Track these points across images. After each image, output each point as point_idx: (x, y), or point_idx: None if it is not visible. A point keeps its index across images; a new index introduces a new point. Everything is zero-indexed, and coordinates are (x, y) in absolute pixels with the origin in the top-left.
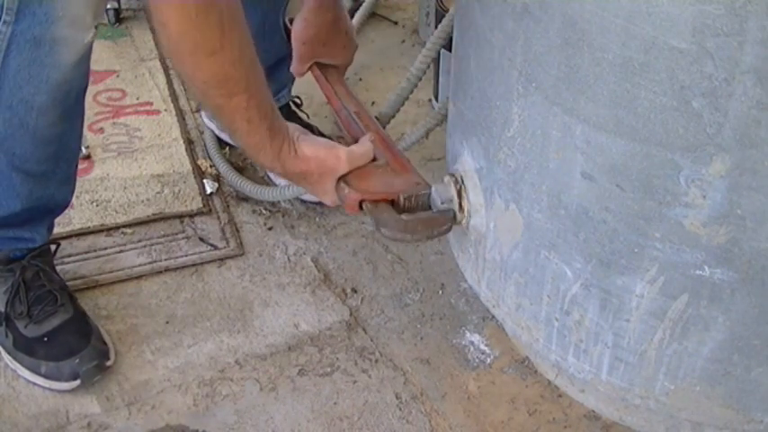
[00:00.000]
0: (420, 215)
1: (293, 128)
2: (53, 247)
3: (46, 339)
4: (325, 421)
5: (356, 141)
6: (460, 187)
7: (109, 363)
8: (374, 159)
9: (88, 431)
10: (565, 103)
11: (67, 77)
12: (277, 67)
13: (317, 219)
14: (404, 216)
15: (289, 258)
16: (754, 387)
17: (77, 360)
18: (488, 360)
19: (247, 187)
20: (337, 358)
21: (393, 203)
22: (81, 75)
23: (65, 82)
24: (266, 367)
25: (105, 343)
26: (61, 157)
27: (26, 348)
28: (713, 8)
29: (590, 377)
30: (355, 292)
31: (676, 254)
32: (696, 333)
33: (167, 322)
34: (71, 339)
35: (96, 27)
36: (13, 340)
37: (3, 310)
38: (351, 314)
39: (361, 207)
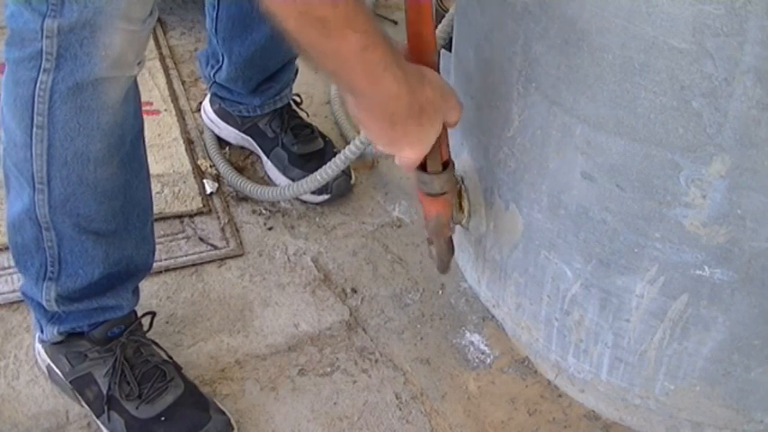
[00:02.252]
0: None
1: None
2: (148, 318)
3: (163, 419)
4: (326, 421)
5: None
6: (460, 187)
7: None
8: None
9: (88, 431)
10: (565, 103)
11: (118, 119)
12: (284, 69)
13: (317, 219)
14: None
15: (289, 258)
16: (754, 387)
17: None
18: (488, 360)
19: (247, 187)
20: (337, 358)
21: None
22: (132, 115)
23: (116, 125)
24: (266, 367)
25: (224, 413)
26: (131, 212)
27: (143, 431)
28: (713, 8)
29: (590, 377)
30: (355, 292)
31: (676, 254)
32: (696, 333)
33: (167, 322)
34: (191, 414)
35: (140, 63)
36: (124, 424)
37: (104, 392)
38: (351, 314)
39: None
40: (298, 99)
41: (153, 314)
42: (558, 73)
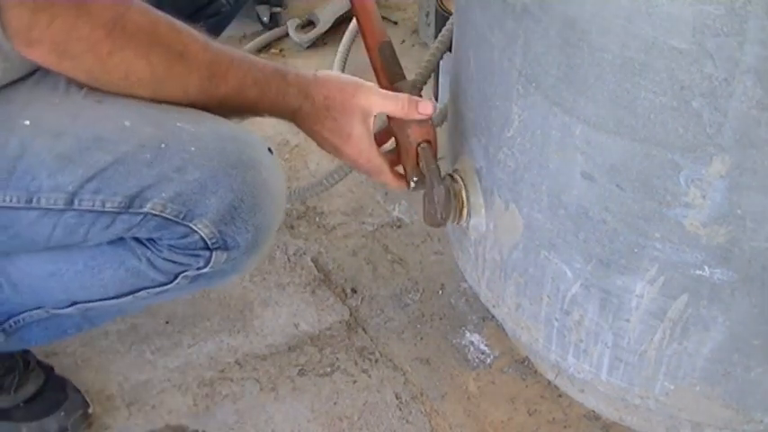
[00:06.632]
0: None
1: None
2: None
3: (22, 405)
4: (326, 421)
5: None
6: (460, 187)
7: (90, 410)
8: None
9: (88, 431)
10: (565, 103)
11: None
12: None
13: (317, 219)
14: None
15: (289, 258)
16: (754, 387)
17: (63, 413)
18: (488, 360)
19: None
20: (337, 358)
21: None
22: None
23: None
24: (266, 367)
25: (79, 390)
26: None
27: (3, 417)
28: (713, 8)
29: (590, 377)
30: (355, 292)
31: (676, 254)
32: (696, 333)
33: (167, 322)
34: (49, 396)
35: None
36: None
37: None
38: (351, 314)
39: (417, 153)
40: None
41: None
42: (558, 73)
